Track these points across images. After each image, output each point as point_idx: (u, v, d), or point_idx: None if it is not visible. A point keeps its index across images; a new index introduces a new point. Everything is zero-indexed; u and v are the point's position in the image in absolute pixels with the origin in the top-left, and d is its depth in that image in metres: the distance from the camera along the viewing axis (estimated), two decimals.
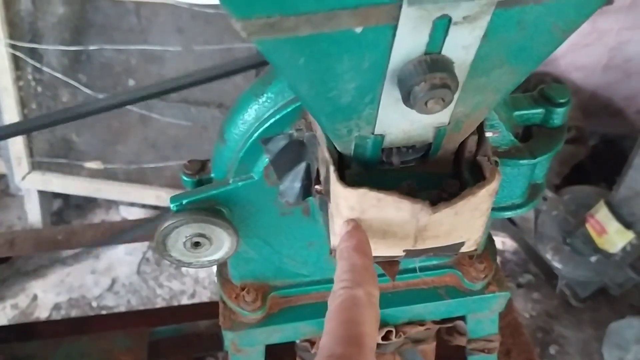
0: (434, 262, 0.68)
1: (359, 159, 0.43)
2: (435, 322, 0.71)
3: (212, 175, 0.56)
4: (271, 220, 0.57)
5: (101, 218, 1.94)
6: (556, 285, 1.75)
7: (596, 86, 1.95)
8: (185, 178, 0.56)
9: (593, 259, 1.65)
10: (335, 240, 0.44)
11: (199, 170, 0.56)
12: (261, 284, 0.65)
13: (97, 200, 1.94)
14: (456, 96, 0.38)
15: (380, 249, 0.43)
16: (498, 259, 2.05)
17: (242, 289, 0.64)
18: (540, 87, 0.57)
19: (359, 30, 0.31)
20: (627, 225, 1.56)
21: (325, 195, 0.45)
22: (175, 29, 1.62)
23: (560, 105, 0.56)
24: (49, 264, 1.81)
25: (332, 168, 0.41)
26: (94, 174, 1.75)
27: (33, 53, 1.63)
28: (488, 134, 0.51)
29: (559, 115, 0.56)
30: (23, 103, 1.66)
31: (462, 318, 0.74)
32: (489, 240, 0.70)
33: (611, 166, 1.83)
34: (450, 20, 0.31)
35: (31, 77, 1.65)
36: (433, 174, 0.46)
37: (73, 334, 0.96)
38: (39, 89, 1.67)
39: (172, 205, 0.52)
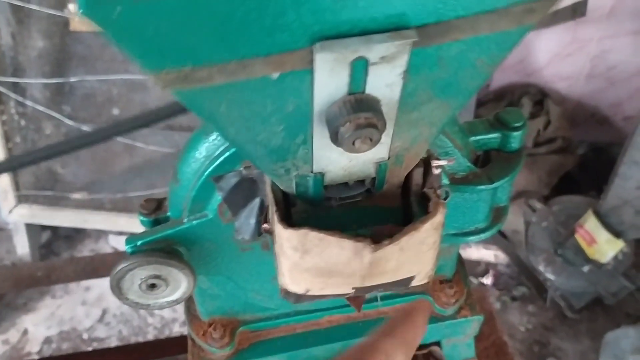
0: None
1: (303, 197, 0.43)
2: None
3: (169, 214, 0.56)
4: (232, 256, 0.56)
5: (90, 248, 1.93)
6: (546, 298, 1.74)
7: (581, 95, 1.96)
8: (141, 218, 0.56)
9: (585, 269, 1.64)
10: (282, 280, 0.43)
11: (155, 209, 0.56)
12: (230, 319, 0.64)
13: (85, 230, 1.94)
14: (391, 132, 0.38)
15: (329, 288, 0.43)
16: (491, 273, 2.02)
17: (210, 325, 0.63)
18: (495, 112, 0.56)
19: (275, 76, 0.31)
20: (617, 234, 1.55)
21: (272, 234, 0.44)
22: None
23: (516, 129, 0.55)
24: (39, 297, 1.80)
25: (273, 209, 0.40)
26: (80, 205, 1.75)
27: (15, 87, 1.64)
28: (443, 162, 0.50)
29: (516, 139, 0.56)
30: (7, 137, 1.66)
31: (438, 343, 0.73)
32: (460, 264, 0.70)
33: (601, 175, 1.83)
34: (367, 61, 0.31)
35: (14, 111, 1.66)
36: (382, 209, 0.45)
37: None
38: (23, 122, 1.67)
39: (127, 247, 0.52)
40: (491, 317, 0.99)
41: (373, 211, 0.44)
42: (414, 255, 0.42)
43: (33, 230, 1.86)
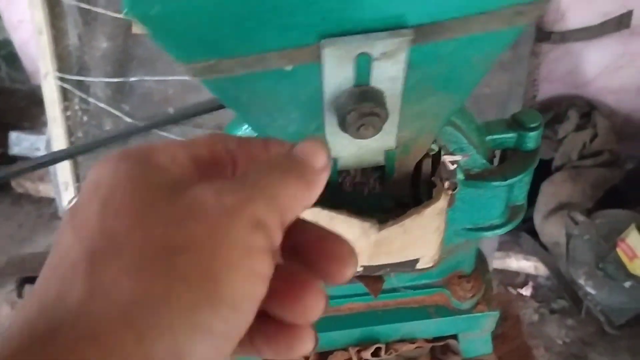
0: (424, 282, 0.70)
1: None
2: (426, 341, 0.74)
3: None
4: None
5: None
6: (582, 311, 1.71)
7: (631, 109, 1.92)
8: None
9: (627, 284, 1.61)
10: None
11: None
12: None
13: None
14: (396, 122, 0.42)
15: None
16: (530, 284, 2.00)
17: None
18: (513, 113, 0.59)
19: (289, 68, 0.36)
20: None
21: None
22: None
23: (532, 129, 0.58)
24: None
25: None
26: None
27: (80, 85, 1.75)
28: (457, 157, 0.54)
29: (531, 139, 0.59)
30: (70, 132, 1.78)
31: (455, 337, 0.75)
32: (480, 260, 0.72)
33: None
34: (370, 56, 0.35)
35: (78, 108, 1.77)
36: (392, 195, 0.49)
37: None
38: (85, 118, 1.78)
39: None
40: (517, 320, 1.01)
41: (384, 197, 0.48)
42: (417, 238, 0.45)
43: None
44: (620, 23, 1.50)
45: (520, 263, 1.90)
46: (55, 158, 1.19)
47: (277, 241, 0.27)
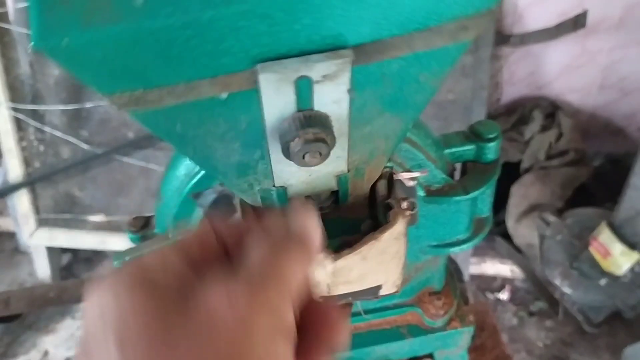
0: (394, 302, 0.68)
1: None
2: None
3: (156, 230, 0.58)
4: None
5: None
6: (559, 312, 1.71)
7: (593, 107, 1.94)
8: (130, 235, 0.58)
9: (602, 282, 1.62)
10: None
11: (143, 226, 0.58)
12: None
13: (104, 252, 1.98)
14: (346, 145, 0.39)
15: None
16: (508, 288, 2.00)
17: None
18: (470, 125, 0.58)
19: (224, 96, 0.33)
20: (632, 245, 1.53)
21: None
22: None
23: (490, 140, 0.56)
24: (60, 318, 1.84)
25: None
26: (98, 227, 1.79)
27: (34, 114, 1.70)
28: (415, 174, 0.52)
29: (491, 150, 0.57)
30: (27, 162, 1.72)
31: (431, 356, 0.73)
32: (450, 276, 0.70)
33: (616, 186, 1.81)
34: (310, 79, 0.33)
35: (33, 137, 1.72)
36: (349, 220, 0.47)
37: None
38: (42, 147, 1.73)
39: (114, 262, 0.54)
40: (495, 330, 0.99)
41: (341, 223, 0.46)
42: (377, 264, 0.43)
43: (53, 253, 1.91)
44: (576, 23, 1.51)
45: (497, 267, 1.90)
46: (13, 187, 1.14)
47: (292, 319, 0.29)
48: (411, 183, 0.51)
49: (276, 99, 0.34)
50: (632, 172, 1.51)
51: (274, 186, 0.41)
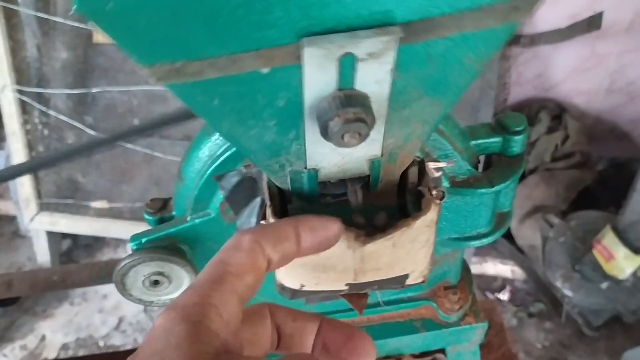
0: (409, 295, 0.67)
1: (298, 194, 0.43)
2: (413, 356, 0.70)
3: (174, 213, 0.57)
4: None
5: (109, 257, 1.96)
6: (561, 314, 1.71)
7: (600, 110, 1.94)
8: (147, 217, 0.57)
9: (604, 285, 1.62)
10: (277, 275, 0.44)
11: (161, 208, 0.57)
12: None
13: (105, 239, 1.97)
14: (382, 128, 0.38)
15: (323, 284, 0.43)
16: (508, 288, 2.00)
17: None
18: (497, 117, 0.57)
19: (265, 71, 0.32)
20: (635, 250, 1.52)
21: None
22: None
23: (517, 133, 0.56)
24: (58, 303, 1.83)
25: (267, 203, 0.41)
26: (100, 214, 1.78)
27: (39, 97, 1.68)
28: (442, 164, 0.51)
29: (517, 144, 0.56)
30: (30, 146, 1.70)
31: (443, 351, 0.72)
32: (465, 271, 0.69)
33: (620, 190, 1.80)
34: (355, 57, 0.32)
35: (38, 121, 1.70)
36: (378, 207, 0.46)
37: None
38: (46, 132, 1.71)
39: (131, 244, 0.53)
40: (501, 328, 0.99)
41: (369, 209, 0.45)
42: (406, 252, 0.42)
43: (54, 238, 1.90)
44: (591, 24, 1.50)
45: (497, 267, 1.89)
46: (16, 172, 1.13)
47: None
48: (437, 173, 0.50)
49: (318, 76, 0.33)
50: (638, 176, 1.50)
51: (306, 168, 0.41)
